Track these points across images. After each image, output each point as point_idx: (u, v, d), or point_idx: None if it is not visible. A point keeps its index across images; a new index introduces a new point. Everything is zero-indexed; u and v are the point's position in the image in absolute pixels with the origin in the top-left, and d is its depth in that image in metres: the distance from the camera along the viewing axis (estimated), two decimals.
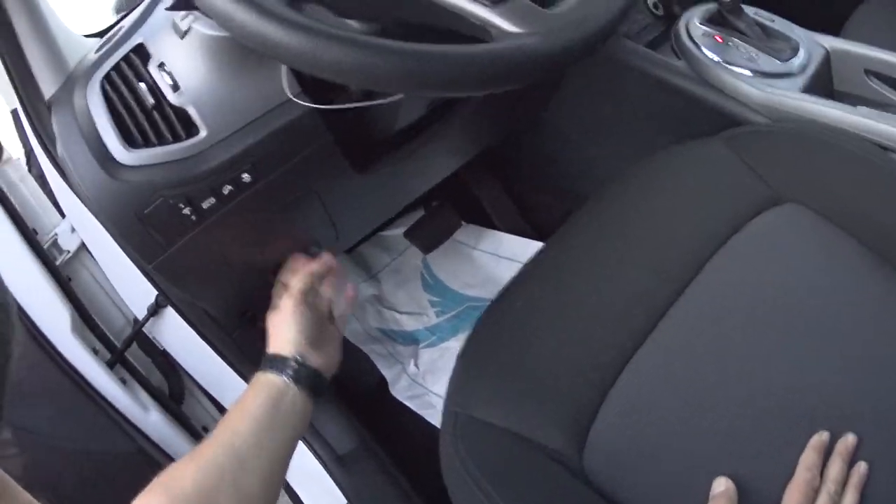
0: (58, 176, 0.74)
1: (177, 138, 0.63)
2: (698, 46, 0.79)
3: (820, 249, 0.63)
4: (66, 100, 0.68)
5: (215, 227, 0.65)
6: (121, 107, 0.64)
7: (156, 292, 0.80)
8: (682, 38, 0.81)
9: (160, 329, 0.89)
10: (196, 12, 0.60)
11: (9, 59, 0.71)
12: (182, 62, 0.64)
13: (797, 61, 0.78)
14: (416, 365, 1.03)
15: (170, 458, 0.87)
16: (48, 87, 0.71)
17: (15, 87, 0.72)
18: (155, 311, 0.83)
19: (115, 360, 0.86)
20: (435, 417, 0.95)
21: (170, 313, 0.82)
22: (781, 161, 0.70)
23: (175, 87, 0.64)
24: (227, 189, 0.63)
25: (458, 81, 0.45)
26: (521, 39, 0.46)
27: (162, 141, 0.63)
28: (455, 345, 1.03)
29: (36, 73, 0.71)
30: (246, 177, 0.63)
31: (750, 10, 0.83)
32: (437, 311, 1.09)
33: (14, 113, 0.82)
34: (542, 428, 0.60)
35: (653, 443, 0.58)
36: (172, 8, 0.57)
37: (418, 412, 0.97)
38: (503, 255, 1.07)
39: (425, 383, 1.00)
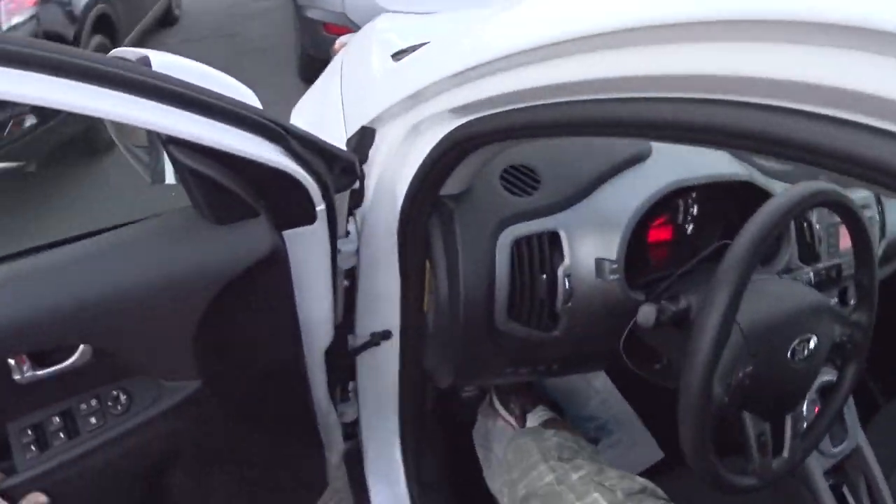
0: (393, 232, 0.85)
1: (540, 327, 0.82)
2: None
3: None
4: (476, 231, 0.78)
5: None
6: (519, 281, 0.80)
7: (386, 328, 0.97)
8: None
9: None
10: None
11: None
12: (586, 289, 0.81)
13: None
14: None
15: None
16: None
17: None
18: (380, 340, 0.99)
19: (336, 380, 1.11)
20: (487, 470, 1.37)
21: (389, 344, 0.99)
22: None
23: (567, 300, 0.80)
24: (551, 367, 0.94)
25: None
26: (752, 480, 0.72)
27: (530, 325, 0.82)
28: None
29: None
30: (555, 367, 0.94)
31: None
32: None
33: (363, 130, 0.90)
34: None
35: None
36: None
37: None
38: None
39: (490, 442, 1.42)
